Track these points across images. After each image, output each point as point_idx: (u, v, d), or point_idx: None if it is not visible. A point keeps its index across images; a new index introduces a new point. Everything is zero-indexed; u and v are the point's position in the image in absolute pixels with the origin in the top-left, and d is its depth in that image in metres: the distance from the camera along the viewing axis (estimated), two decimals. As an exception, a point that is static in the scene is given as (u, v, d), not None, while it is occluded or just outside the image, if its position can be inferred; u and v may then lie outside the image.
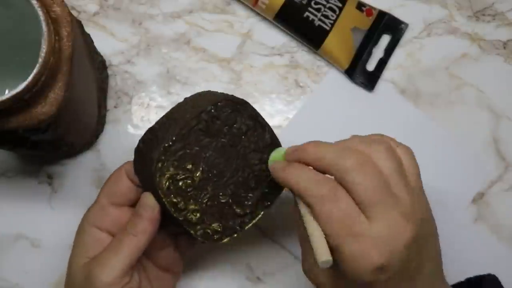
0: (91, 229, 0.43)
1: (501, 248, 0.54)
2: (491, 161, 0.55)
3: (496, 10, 0.58)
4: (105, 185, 0.44)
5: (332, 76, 0.56)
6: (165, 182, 0.39)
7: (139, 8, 0.56)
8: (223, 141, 0.41)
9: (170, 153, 0.39)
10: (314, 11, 0.55)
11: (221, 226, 0.41)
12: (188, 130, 0.40)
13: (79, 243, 0.43)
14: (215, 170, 0.41)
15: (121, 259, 0.40)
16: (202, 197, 0.41)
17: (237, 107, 0.42)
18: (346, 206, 0.36)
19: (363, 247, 0.35)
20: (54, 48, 0.36)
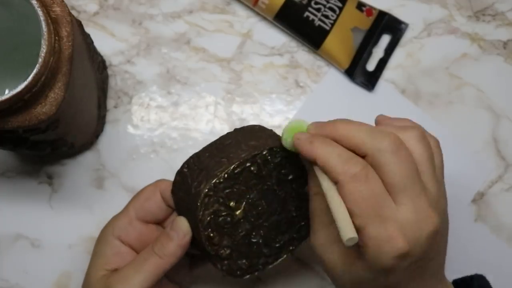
0: (114, 240, 0.42)
1: (501, 248, 0.54)
2: (491, 161, 0.55)
3: (496, 10, 0.58)
4: (136, 199, 0.44)
5: (331, 76, 0.56)
6: (207, 216, 0.39)
7: (139, 8, 0.56)
8: (268, 184, 0.41)
9: (218, 189, 0.39)
10: (314, 11, 0.55)
11: (247, 264, 0.41)
12: (241, 170, 0.40)
13: (100, 253, 0.42)
14: (255, 211, 0.41)
15: (143, 278, 0.39)
16: (236, 234, 0.41)
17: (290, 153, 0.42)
18: (377, 188, 0.35)
19: (389, 231, 0.34)
20: (54, 48, 0.36)
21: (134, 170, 0.53)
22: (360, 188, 0.35)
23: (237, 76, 0.56)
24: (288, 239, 0.43)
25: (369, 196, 0.35)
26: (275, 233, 0.42)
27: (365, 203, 0.34)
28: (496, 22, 0.58)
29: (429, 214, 0.35)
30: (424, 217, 0.35)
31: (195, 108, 0.55)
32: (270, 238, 0.42)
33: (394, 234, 0.34)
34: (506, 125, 0.56)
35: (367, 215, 0.34)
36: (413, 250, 0.35)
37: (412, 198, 0.35)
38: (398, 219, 0.35)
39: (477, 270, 0.50)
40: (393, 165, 0.35)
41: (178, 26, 0.56)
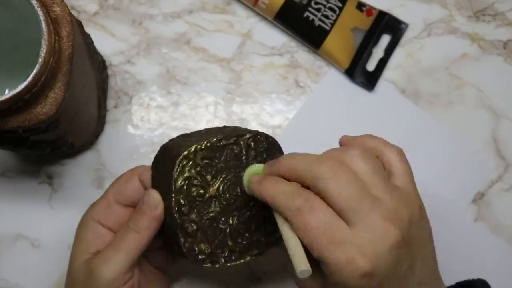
0: (94, 224, 0.43)
1: (501, 248, 0.54)
2: (491, 161, 0.55)
3: (496, 10, 0.58)
4: (115, 184, 0.45)
5: (331, 76, 0.56)
6: (181, 180, 0.40)
7: (139, 8, 0.56)
8: None
9: (197, 155, 0.40)
10: (314, 11, 0.55)
11: (209, 249, 0.41)
12: (223, 145, 0.40)
13: (81, 238, 0.43)
14: (228, 195, 0.41)
15: (124, 256, 0.40)
16: (205, 213, 0.41)
17: (270, 143, 0.43)
18: (324, 215, 0.35)
19: (347, 254, 0.34)
20: (54, 48, 0.36)
21: (134, 170, 0.53)
22: (307, 220, 0.35)
23: (237, 76, 0.56)
24: (256, 240, 0.43)
25: (318, 225, 0.35)
26: (243, 228, 0.42)
27: (316, 233, 0.35)
28: (496, 22, 0.58)
29: (385, 228, 0.35)
30: (379, 232, 0.35)
31: (195, 108, 0.55)
32: (237, 231, 0.42)
33: (352, 256, 0.34)
34: (506, 125, 0.56)
35: (321, 245, 0.34)
36: (377, 267, 0.34)
37: (361, 217, 0.35)
38: (354, 240, 0.34)
39: (476, 270, 0.50)
40: (334, 189, 0.35)
41: (178, 26, 0.56)
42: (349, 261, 0.34)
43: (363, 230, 0.35)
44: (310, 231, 0.35)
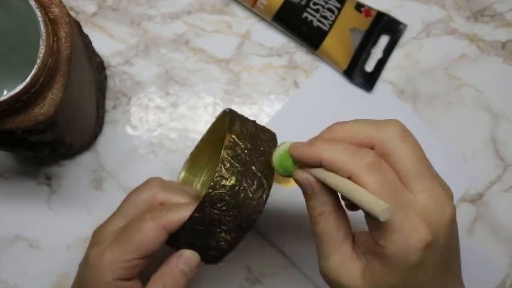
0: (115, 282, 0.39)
1: (500, 248, 0.54)
2: (490, 162, 0.55)
3: (495, 10, 0.58)
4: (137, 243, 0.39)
5: (322, 72, 0.56)
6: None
7: (138, 8, 0.56)
8: None
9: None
10: (312, 11, 0.55)
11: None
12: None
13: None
14: None
15: None
16: None
17: None
18: (392, 176, 0.33)
19: (412, 221, 0.32)
20: (52, 49, 0.36)
21: (132, 171, 0.53)
22: (376, 177, 0.33)
23: (236, 77, 0.56)
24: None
25: (386, 184, 0.33)
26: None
27: (384, 192, 0.32)
28: (495, 23, 0.58)
29: (446, 200, 0.33)
30: (442, 203, 0.33)
31: (193, 109, 0.55)
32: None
33: (417, 223, 0.32)
34: (504, 126, 0.56)
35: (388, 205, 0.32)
36: (438, 238, 0.33)
37: (427, 184, 0.33)
38: (417, 207, 0.33)
39: (476, 270, 0.50)
40: (404, 151, 0.33)
41: (176, 27, 0.56)
42: (414, 229, 0.32)
43: (427, 198, 0.33)
44: (379, 188, 0.32)
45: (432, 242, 0.32)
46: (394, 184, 0.33)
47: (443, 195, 0.33)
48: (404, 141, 0.34)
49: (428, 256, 0.32)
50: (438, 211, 0.33)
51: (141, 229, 0.39)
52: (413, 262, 0.32)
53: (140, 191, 0.42)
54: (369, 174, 0.33)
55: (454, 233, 0.34)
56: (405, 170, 0.33)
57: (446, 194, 0.34)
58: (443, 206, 0.33)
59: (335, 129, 0.36)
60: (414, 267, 0.33)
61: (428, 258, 0.33)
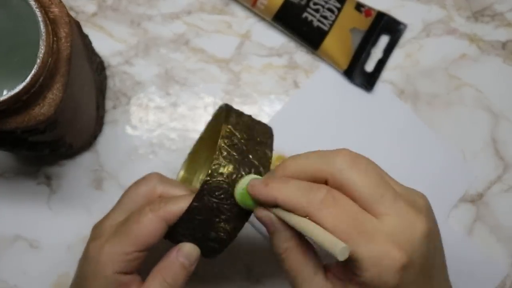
0: (114, 276, 0.39)
1: (500, 248, 0.54)
2: (490, 162, 0.55)
3: (495, 10, 0.58)
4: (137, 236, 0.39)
5: (322, 72, 0.56)
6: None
7: (138, 8, 0.56)
8: None
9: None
10: (312, 11, 0.55)
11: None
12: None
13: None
14: None
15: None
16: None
17: None
18: (350, 206, 0.33)
19: (381, 246, 0.31)
20: (52, 49, 0.36)
21: (132, 171, 0.53)
22: (332, 212, 0.32)
23: (236, 77, 0.56)
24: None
25: (345, 217, 0.32)
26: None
27: (345, 226, 0.32)
28: (495, 23, 0.58)
29: (414, 214, 0.33)
30: (409, 221, 0.33)
31: (193, 109, 0.55)
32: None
33: (387, 247, 0.32)
34: (505, 126, 0.56)
35: (353, 238, 0.32)
36: (413, 258, 0.32)
37: (390, 205, 0.33)
38: (384, 231, 0.32)
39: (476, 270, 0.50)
40: (356, 179, 0.33)
41: (176, 27, 0.56)
42: (385, 253, 0.31)
43: (393, 220, 0.32)
44: (338, 223, 0.32)
45: (407, 262, 0.32)
46: (354, 214, 0.32)
47: (409, 212, 0.33)
48: (355, 169, 0.33)
49: (406, 276, 0.32)
50: (407, 230, 0.32)
51: (140, 221, 0.38)
52: (392, 285, 0.32)
53: (139, 185, 0.42)
54: (324, 210, 0.32)
55: (431, 247, 0.34)
56: (363, 197, 0.33)
57: (414, 210, 0.33)
58: (412, 223, 0.33)
59: (288, 166, 0.36)
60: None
61: (407, 279, 0.32)
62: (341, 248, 0.30)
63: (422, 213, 0.33)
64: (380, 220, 0.32)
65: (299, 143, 0.54)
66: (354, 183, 0.33)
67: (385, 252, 0.31)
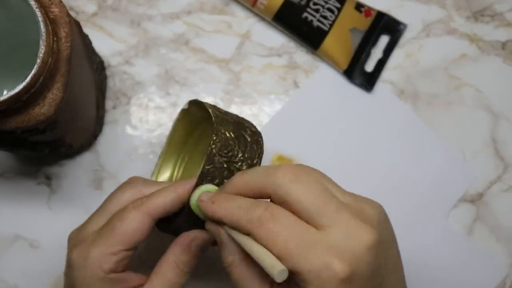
0: (109, 276, 0.38)
1: (500, 248, 0.54)
2: (490, 162, 0.55)
3: (495, 10, 0.58)
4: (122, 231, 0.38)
5: (322, 72, 0.56)
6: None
7: (138, 8, 0.56)
8: None
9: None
10: (312, 11, 0.55)
11: None
12: None
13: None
14: None
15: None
16: None
17: None
18: (288, 220, 0.32)
19: (321, 258, 0.31)
20: (52, 48, 0.36)
21: (132, 171, 0.53)
22: (271, 228, 0.32)
23: (236, 77, 0.56)
24: None
25: (284, 231, 0.32)
26: None
27: (284, 240, 0.32)
28: (495, 23, 0.58)
29: (359, 226, 0.32)
30: (353, 231, 0.32)
31: (193, 108, 0.55)
32: None
33: (327, 260, 0.31)
34: (505, 126, 0.56)
35: (291, 252, 0.31)
36: (356, 270, 0.31)
37: (331, 217, 0.32)
38: (327, 243, 0.32)
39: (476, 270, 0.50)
40: (297, 193, 0.33)
41: (176, 27, 0.56)
42: (325, 266, 0.31)
43: (336, 231, 0.32)
44: (276, 239, 0.32)
45: (349, 274, 0.31)
46: (293, 228, 0.32)
47: (354, 223, 0.32)
48: (295, 183, 0.33)
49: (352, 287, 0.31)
50: (350, 241, 0.32)
51: (124, 218, 0.38)
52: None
53: (124, 190, 0.41)
54: (263, 227, 0.32)
55: (380, 258, 0.33)
56: (304, 210, 0.33)
57: (359, 220, 0.33)
58: (357, 233, 0.32)
59: (236, 182, 0.36)
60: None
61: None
62: (279, 270, 0.30)
63: (368, 224, 0.33)
64: (322, 232, 0.32)
65: (299, 143, 0.54)
66: (295, 196, 0.33)
67: (326, 265, 0.31)
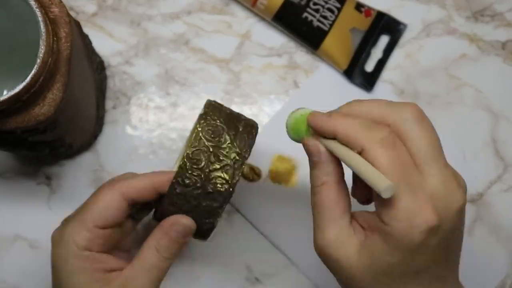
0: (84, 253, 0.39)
1: (500, 248, 0.54)
2: (490, 162, 0.55)
3: (495, 10, 0.58)
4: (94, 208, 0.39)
5: (322, 72, 0.56)
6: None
7: (138, 8, 0.56)
8: None
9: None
10: (312, 11, 0.55)
11: None
12: None
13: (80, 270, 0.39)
14: None
15: (154, 282, 0.39)
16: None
17: None
18: (405, 154, 0.33)
19: (420, 202, 0.32)
20: (52, 48, 0.36)
21: (132, 171, 0.52)
22: (388, 152, 0.32)
23: (236, 77, 0.56)
24: None
25: (398, 162, 0.32)
26: None
27: (394, 170, 0.32)
28: (495, 23, 0.58)
29: (457, 187, 0.33)
30: (452, 189, 0.33)
31: (193, 109, 0.55)
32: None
33: (424, 205, 0.32)
34: (504, 126, 0.56)
35: (398, 184, 0.31)
36: (443, 224, 0.32)
37: (440, 168, 0.33)
38: (427, 190, 0.32)
39: (476, 271, 0.50)
40: (418, 133, 0.33)
41: (176, 27, 0.56)
42: (420, 210, 0.31)
43: (438, 183, 0.32)
44: (390, 165, 0.32)
45: (436, 226, 0.32)
46: (405, 163, 0.32)
47: (454, 183, 0.33)
48: (419, 124, 0.33)
49: (431, 240, 0.32)
50: (447, 197, 0.32)
51: (96, 195, 0.40)
52: (415, 243, 0.32)
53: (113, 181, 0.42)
54: (381, 149, 0.32)
55: (459, 224, 0.34)
56: (418, 153, 0.33)
57: (457, 183, 0.33)
58: (453, 193, 0.33)
59: (353, 106, 0.36)
60: (415, 248, 0.32)
61: (430, 242, 0.32)
62: (387, 185, 0.30)
63: (462, 189, 0.33)
64: (426, 178, 0.33)
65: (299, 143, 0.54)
66: (415, 136, 0.33)
67: (422, 210, 0.31)
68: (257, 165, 0.53)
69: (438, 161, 0.33)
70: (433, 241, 0.32)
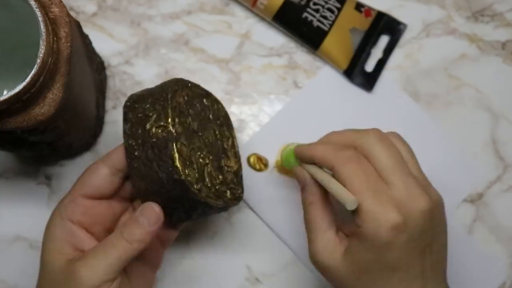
0: (63, 222, 0.41)
1: (500, 248, 0.54)
2: (490, 162, 0.55)
3: (495, 10, 0.58)
4: (79, 178, 0.43)
5: (322, 72, 0.56)
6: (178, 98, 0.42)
7: (138, 9, 0.56)
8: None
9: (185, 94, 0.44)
10: (312, 11, 0.55)
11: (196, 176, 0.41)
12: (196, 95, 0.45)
13: (51, 237, 0.41)
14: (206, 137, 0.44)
15: (111, 263, 0.39)
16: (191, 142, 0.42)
17: None
18: (369, 168, 0.39)
19: (383, 205, 0.37)
20: (52, 49, 0.36)
21: (132, 171, 0.53)
22: (353, 167, 0.39)
23: (236, 77, 0.56)
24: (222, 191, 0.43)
25: (362, 174, 0.38)
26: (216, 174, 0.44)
27: (359, 180, 0.38)
28: (495, 23, 0.58)
29: (420, 193, 0.38)
30: (416, 194, 0.38)
31: (193, 109, 0.55)
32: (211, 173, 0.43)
33: (388, 207, 0.37)
34: (504, 126, 0.56)
35: (362, 191, 0.38)
36: (407, 224, 0.37)
37: (401, 178, 0.38)
38: (390, 195, 0.38)
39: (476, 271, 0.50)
40: (380, 151, 0.39)
41: (176, 27, 0.56)
42: (384, 211, 0.37)
43: (401, 190, 0.38)
44: (355, 177, 0.38)
45: (400, 224, 0.37)
46: (370, 175, 0.38)
47: (417, 189, 0.38)
48: (380, 144, 0.40)
49: (398, 237, 0.37)
50: (409, 201, 0.38)
51: (86, 170, 0.43)
52: (383, 240, 0.37)
53: None
54: (347, 165, 0.39)
55: (428, 227, 0.38)
56: (381, 167, 0.39)
57: (421, 189, 0.38)
58: (416, 197, 0.38)
59: (329, 136, 0.44)
60: (385, 246, 0.37)
61: (398, 239, 0.37)
62: (352, 199, 0.37)
63: (428, 196, 0.38)
64: (390, 188, 0.38)
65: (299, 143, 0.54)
66: (377, 153, 0.39)
67: (385, 211, 0.37)
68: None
69: (399, 172, 0.38)
70: (401, 238, 0.37)
